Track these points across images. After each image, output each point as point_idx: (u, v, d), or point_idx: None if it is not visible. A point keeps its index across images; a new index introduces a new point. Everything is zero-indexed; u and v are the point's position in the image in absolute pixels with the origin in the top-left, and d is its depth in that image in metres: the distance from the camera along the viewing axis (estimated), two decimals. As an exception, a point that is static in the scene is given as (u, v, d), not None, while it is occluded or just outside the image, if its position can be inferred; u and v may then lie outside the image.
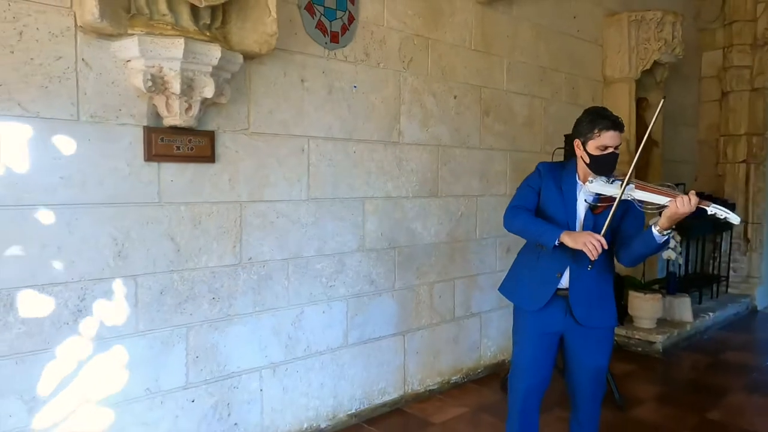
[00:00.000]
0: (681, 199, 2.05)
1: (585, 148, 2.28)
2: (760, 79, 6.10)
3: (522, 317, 2.43)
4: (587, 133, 2.26)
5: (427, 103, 3.56)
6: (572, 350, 2.41)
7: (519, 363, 2.41)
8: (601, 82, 5.03)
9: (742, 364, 4.48)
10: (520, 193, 2.42)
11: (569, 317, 2.35)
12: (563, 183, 2.37)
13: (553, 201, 2.36)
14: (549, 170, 2.41)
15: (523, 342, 2.40)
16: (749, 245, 6.24)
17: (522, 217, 2.34)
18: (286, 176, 2.89)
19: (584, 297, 2.33)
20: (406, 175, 3.47)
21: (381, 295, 3.37)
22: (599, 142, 2.23)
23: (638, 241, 2.24)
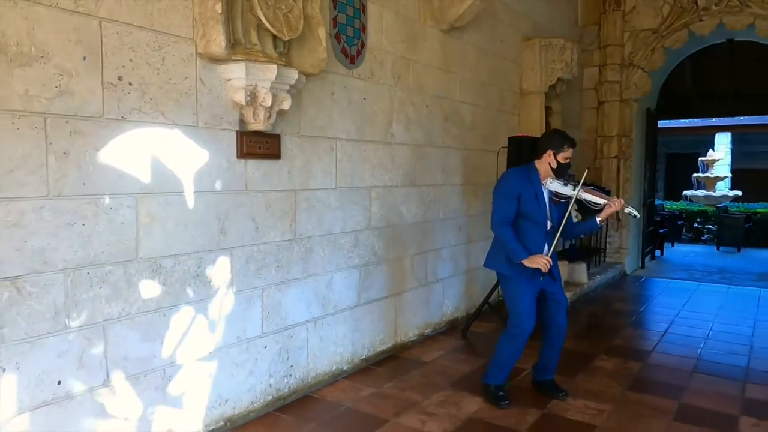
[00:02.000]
0: (617, 203, 3.29)
1: (556, 157, 3.35)
2: (627, 92, 7.75)
3: (518, 283, 3.39)
4: (559, 147, 3.35)
5: (409, 112, 4.46)
6: (553, 296, 3.47)
7: (522, 312, 3.39)
8: (518, 93, 6.24)
9: (625, 310, 5.94)
10: (503, 204, 3.34)
11: (548, 276, 3.40)
12: (534, 185, 3.39)
13: (531, 202, 3.35)
14: (521, 177, 3.40)
15: (523, 299, 3.39)
16: (620, 224, 7.91)
17: (506, 232, 3.31)
18: (323, 170, 3.66)
19: (554, 261, 3.42)
20: (396, 168, 4.36)
21: (381, 265, 4.24)
22: (566, 155, 3.33)
23: (584, 225, 3.52)
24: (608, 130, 7.86)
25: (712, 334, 5.04)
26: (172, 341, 2.79)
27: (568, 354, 4.43)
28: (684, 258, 9.75)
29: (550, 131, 3.51)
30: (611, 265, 7.61)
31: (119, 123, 2.51)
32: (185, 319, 2.85)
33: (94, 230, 2.44)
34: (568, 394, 3.60)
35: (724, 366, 4.22)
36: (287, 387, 3.46)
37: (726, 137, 17.00)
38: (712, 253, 10.41)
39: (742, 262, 9.27)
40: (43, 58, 2.24)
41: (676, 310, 5.86)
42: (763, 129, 16.06)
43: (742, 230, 10.65)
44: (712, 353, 4.50)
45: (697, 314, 5.71)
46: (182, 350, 2.84)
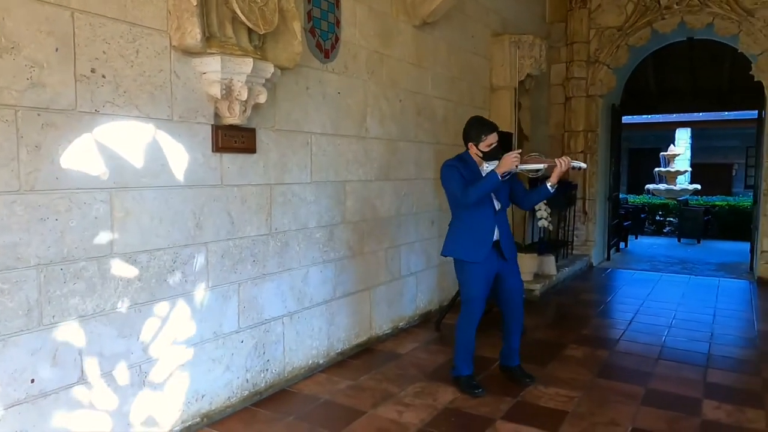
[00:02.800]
0: (561, 162, 3.33)
1: (478, 147, 3.46)
2: (593, 88, 7.93)
3: (471, 267, 3.48)
4: (477, 139, 3.46)
5: (383, 106, 4.49)
6: (506, 278, 3.57)
7: (472, 297, 3.48)
8: (489, 89, 6.33)
9: (592, 300, 6.11)
10: (458, 181, 3.42)
11: (501, 258, 3.48)
12: (473, 170, 3.48)
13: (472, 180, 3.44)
14: (458, 163, 3.50)
15: (474, 283, 3.48)
16: (587, 217, 8.10)
17: (474, 187, 3.38)
18: (298, 164, 3.65)
19: (506, 241, 3.51)
20: (371, 162, 4.38)
21: (355, 258, 4.26)
22: (487, 143, 3.43)
23: (536, 193, 3.54)
24: (575, 125, 8.03)
25: (675, 322, 5.23)
26: (148, 337, 2.76)
27: (539, 344, 4.55)
28: (647, 250, 10.05)
29: (468, 122, 3.58)
30: (578, 258, 7.80)
31: (92, 116, 2.47)
32: (161, 314, 2.82)
33: (68, 225, 2.40)
34: (534, 379, 3.70)
35: (687, 353, 4.39)
36: (264, 381, 3.45)
37: (686, 132, 17.55)
38: (673, 245, 10.75)
39: (701, 253, 9.61)
40: (13, 50, 2.18)
41: (641, 300, 6.05)
42: (720, 124, 16.63)
43: (701, 223, 11.03)
44: (676, 340, 4.67)
45: (661, 303, 5.91)
46: (158, 346, 2.81)
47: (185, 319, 2.95)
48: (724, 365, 4.12)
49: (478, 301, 3.51)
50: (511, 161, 3.30)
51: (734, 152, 18.91)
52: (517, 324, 3.70)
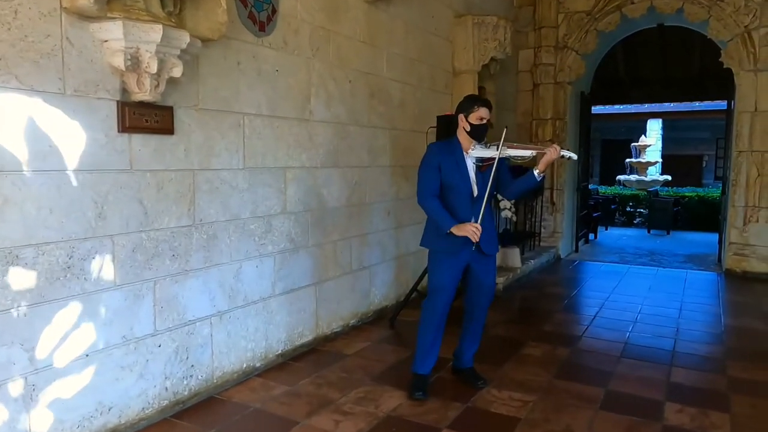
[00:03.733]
0: (551, 150, 3.05)
1: (467, 119, 3.15)
2: (561, 75, 7.68)
3: (442, 257, 3.20)
4: (469, 109, 3.16)
5: (330, 87, 4.14)
6: (477, 274, 3.27)
7: (439, 287, 3.19)
8: (451, 72, 6.02)
9: (558, 294, 5.87)
10: (426, 176, 3.15)
11: (476, 252, 3.19)
12: (455, 155, 3.18)
13: (451, 171, 3.15)
14: (440, 149, 3.21)
15: (444, 273, 3.19)
16: (554, 207, 7.88)
17: (431, 203, 3.14)
18: (228, 148, 3.30)
19: (487, 236, 3.20)
20: (316, 148, 4.04)
21: (299, 252, 3.93)
22: (478, 114, 3.13)
23: (523, 181, 3.22)
24: (543, 113, 7.78)
25: (640, 317, 5.01)
26: (36, 344, 2.39)
27: (497, 341, 4.28)
28: (616, 241, 9.90)
29: (464, 97, 3.31)
30: (545, 249, 7.57)
31: (-46, 86, 2.08)
32: (54, 317, 2.45)
33: (-77, 215, 2.02)
34: (487, 382, 3.43)
35: (651, 350, 4.16)
36: (187, 389, 3.11)
37: (657, 123, 17.52)
38: (643, 236, 10.63)
39: (670, 245, 9.48)
40: None
41: (607, 294, 5.83)
42: (691, 115, 16.61)
43: (671, 214, 10.93)
44: (640, 337, 4.45)
45: (627, 297, 5.70)
46: (50, 354, 2.45)
47: (85, 323, 2.58)
48: (688, 363, 3.90)
49: (444, 291, 3.23)
50: (469, 232, 3.05)
51: (704, 144, 18.98)
52: (477, 325, 3.42)
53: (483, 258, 3.23)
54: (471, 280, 3.30)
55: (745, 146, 6.72)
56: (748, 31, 6.58)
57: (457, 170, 3.16)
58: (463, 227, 3.07)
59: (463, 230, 3.06)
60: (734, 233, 6.86)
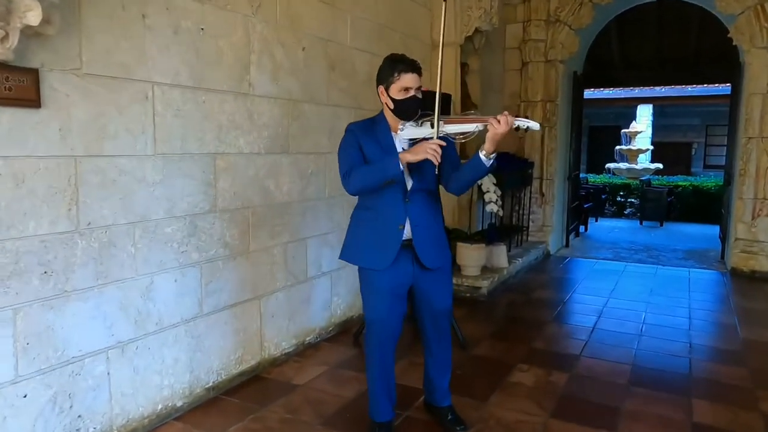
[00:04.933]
0: (496, 121, 2.17)
1: (388, 93, 2.35)
2: (552, 52, 6.93)
3: (372, 277, 2.45)
4: (388, 77, 2.34)
5: (276, 54, 3.35)
6: (423, 296, 2.53)
7: (375, 318, 2.46)
8: (429, 45, 5.24)
9: (549, 299, 5.17)
10: (346, 157, 2.39)
11: (416, 265, 2.45)
12: (380, 137, 2.41)
13: (374, 157, 2.38)
14: (361, 129, 2.43)
15: (376, 299, 2.45)
16: (544, 199, 7.18)
17: (359, 172, 2.33)
18: (129, 127, 2.50)
19: (427, 241, 2.45)
20: (258, 129, 3.25)
21: (236, 259, 3.16)
22: (400, 84, 2.31)
23: (467, 168, 2.39)
24: (532, 94, 7.03)
25: (645, 328, 4.34)
26: None
27: (480, 364, 3.57)
28: (608, 234, 9.25)
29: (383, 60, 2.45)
30: (534, 245, 6.87)
31: None
32: None
33: None
34: (468, 428, 2.70)
35: (664, 374, 3.48)
36: (70, 449, 2.35)
37: (648, 109, 16.91)
38: (635, 229, 10.00)
39: (666, 238, 8.86)
40: None
41: (604, 299, 5.15)
42: (682, 101, 16.05)
43: (664, 204, 10.31)
44: (649, 356, 3.76)
45: (628, 302, 5.02)
46: None
47: None
48: (711, 393, 3.22)
49: (383, 324, 2.48)
50: (427, 151, 2.21)
51: (694, 131, 18.42)
52: (439, 357, 2.69)
53: (428, 274, 2.48)
54: (419, 304, 2.56)
55: (756, 132, 6.04)
56: (761, 3, 5.87)
57: (383, 155, 2.38)
58: (418, 147, 2.24)
59: (419, 151, 2.22)
60: (741, 228, 6.21)
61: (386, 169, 2.27)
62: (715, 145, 18.18)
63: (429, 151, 2.20)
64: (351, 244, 2.53)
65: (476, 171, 2.35)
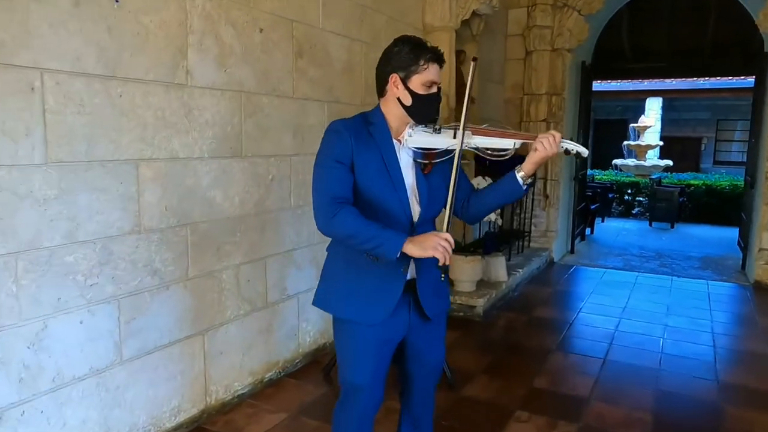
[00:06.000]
0: (548, 140, 1.71)
1: (407, 84, 1.74)
2: (560, 40, 6.29)
3: (358, 332, 1.82)
4: (411, 65, 1.73)
5: (224, 36, 2.73)
6: (416, 351, 1.93)
7: (358, 384, 1.85)
8: (421, 29, 4.61)
9: (552, 320, 4.58)
10: (329, 176, 1.74)
11: (414, 313, 1.86)
12: (379, 144, 1.77)
13: (373, 173, 1.74)
14: (353, 131, 1.74)
15: (362, 361, 1.83)
16: (548, 201, 6.56)
17: (344, 218, 1.69)
18: (6, 128, 1.90)
19: (431, 284, 1.85)
20: (200, 128, 2.65)
21: (169, 288, 2.56)
22: (426, 77, 1.73)
23: (497, 193, 1.86)
24: (536, 86, 6.40)
25: (665, 360, 3.75)
26: None
27: (472, 409, 2.99)
28: (616, 237, 8.64)
29: (393, 42, 1.81)
30: (536, 252, 6.27)
31: None
32: None
33: None
34: None
35: (691, 425, 2.89)
36: None
37: (657, 102, 16.22)
38: (645, 231, 9.39)
39: (678, 242, 8.24)
40: None
41: (615, 319, 4.55)
42: (692, 94, 15.36)
43: (676, 205, 9.68)
44: (673, 401, 3.17)
45: (642, 325, 4.42)
46: None
47: None
48: (751, 456, 2.64)
49: (368, 392, 1.87)
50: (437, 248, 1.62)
51: (703, 125, 17.73)
52: (426, 417, 2.09)
53: (426, 325, 1.88)
54: (410, 356, 1.95)
55: (786, 130, 5.42)
56: (796, -14, 5.24)
57: (385, 171, 1.76)
58: (426, 240, 1.64)
59: (428, 245, 1.63)
60: (766, 237, 5.61)
61: (382, 247, 1.67)
62: (725, 141, 17.52)
63: (439, 248, 1.62)
64: (332, 290, 1.89)
65: (509, 196, 1.86)
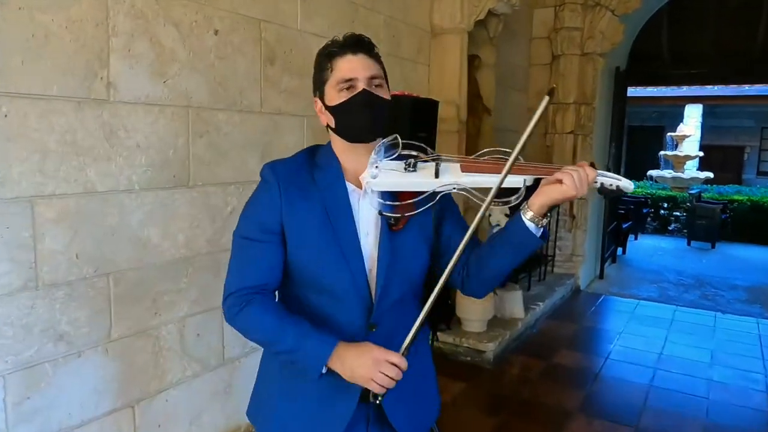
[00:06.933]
0: (577, 176, 1.16)
1: (324, 100, 1.26)
2: (591, 43, 5.65)
3: None
4: (321, 75, 1.26)
5: (164, 38, 2.21)
6: None
7: None
8: (428, 32, 4.04)
9: (574, 369, 3.95)
10: (242, 255, 1.26)
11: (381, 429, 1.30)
12: (325, 194, 1.24)
13: (313, 239, 1.23)
14: (286, 178, 1.25)
15: None
16: (574, 222, 5.91)
17: (254, 320, 1.20)
18: None
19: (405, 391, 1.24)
20: (127, 154, 2.12)
21: (82, 355, 2.04)
22: (336, 78, 1.23)
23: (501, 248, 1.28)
24: (564, 95, 5.76)
25: (709, 428, 3.10)
26: None
27: None
28: (650, 259, 7.90)
29: None
30: (560, 280, 5.62)
31: None
32: None
33: None
34: None
35: None
36: None
37: (697, 109, 15.26)
38: (683, 251, 8.62)
39: (721, 266, 7.47)
40: None
41: (650, 370, 3.90)
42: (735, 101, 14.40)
43: (717, 223, 8.88)
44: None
45: (682, 379, 3.76)
46: None
47: None
48: None
49: None
50: (374, 379, 1.13)
51: (747, 133, 16.69)
52: None
53: None
54: None
55: None
56: None
57: (329, 234, 1.23)
58: (360, 362, 1.14)
59: (360, 374, 1.14)
60: (829, 271, 4.86)
61: (298, 363, 1.19)
62: (771, 150, 16.49)
63: (375, 380, 1.12)
64: (264, 398, 1.37)
65: (520, 250, 1.26)
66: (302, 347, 1.15)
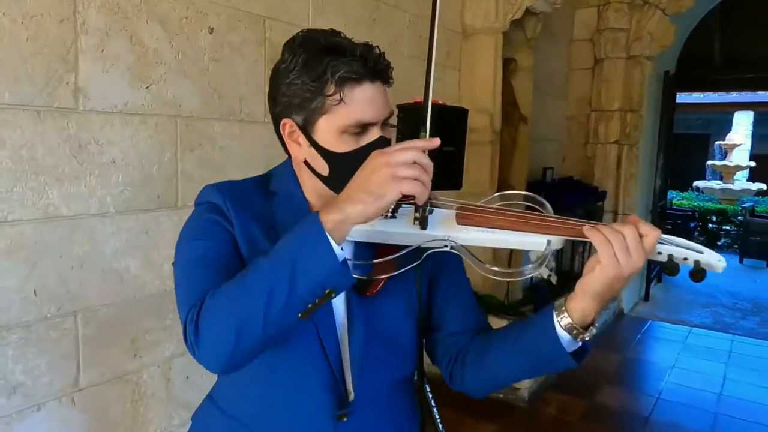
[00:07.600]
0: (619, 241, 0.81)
1: (311, 133, 0.93)
2: (638, 46, 5.19)
3: None
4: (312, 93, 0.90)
5: (146, 37, 1.90)
6: None
7: None
8: (458, 32, 3.68)
9: (619, 411, 3.50)
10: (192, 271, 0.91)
11: None
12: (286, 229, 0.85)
13: None
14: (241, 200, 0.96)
15: None
16: (618, 240, 5.42)
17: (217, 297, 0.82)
18: None
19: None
20: (100, 172, 1.82)
21: (41, 409, 1.74)
22: (352, 116, 0.90)
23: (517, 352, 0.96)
24: (607, 102, 5.30)
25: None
26: None
27: None
28: (699, 277, 7.31)
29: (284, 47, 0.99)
30: (602, 303, 5.14)
31: None
32: None
33: None
34: None
35: None
36: None
37: (747, 117, 14.42)
38: (735, 269, 8.00)
39: (778, 288, 6.86)
40: None
41: (711, 415, 3.42)
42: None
43: (774, 239, 8.22)
44: None
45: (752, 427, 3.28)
46: None
47: None
48: None
49: None
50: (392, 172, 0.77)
51: (800, 141, 15.70)
52: None
53: None
54: None
55: None
56: None
57: None
58: (368, 174, 0.78)
59: (374, 180, 0.77)
60: None
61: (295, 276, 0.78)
62: (827, 160, 15.45)
63: (399, 175, 0.77)
64: None
65: (541, 365, 0.98)
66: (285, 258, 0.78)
